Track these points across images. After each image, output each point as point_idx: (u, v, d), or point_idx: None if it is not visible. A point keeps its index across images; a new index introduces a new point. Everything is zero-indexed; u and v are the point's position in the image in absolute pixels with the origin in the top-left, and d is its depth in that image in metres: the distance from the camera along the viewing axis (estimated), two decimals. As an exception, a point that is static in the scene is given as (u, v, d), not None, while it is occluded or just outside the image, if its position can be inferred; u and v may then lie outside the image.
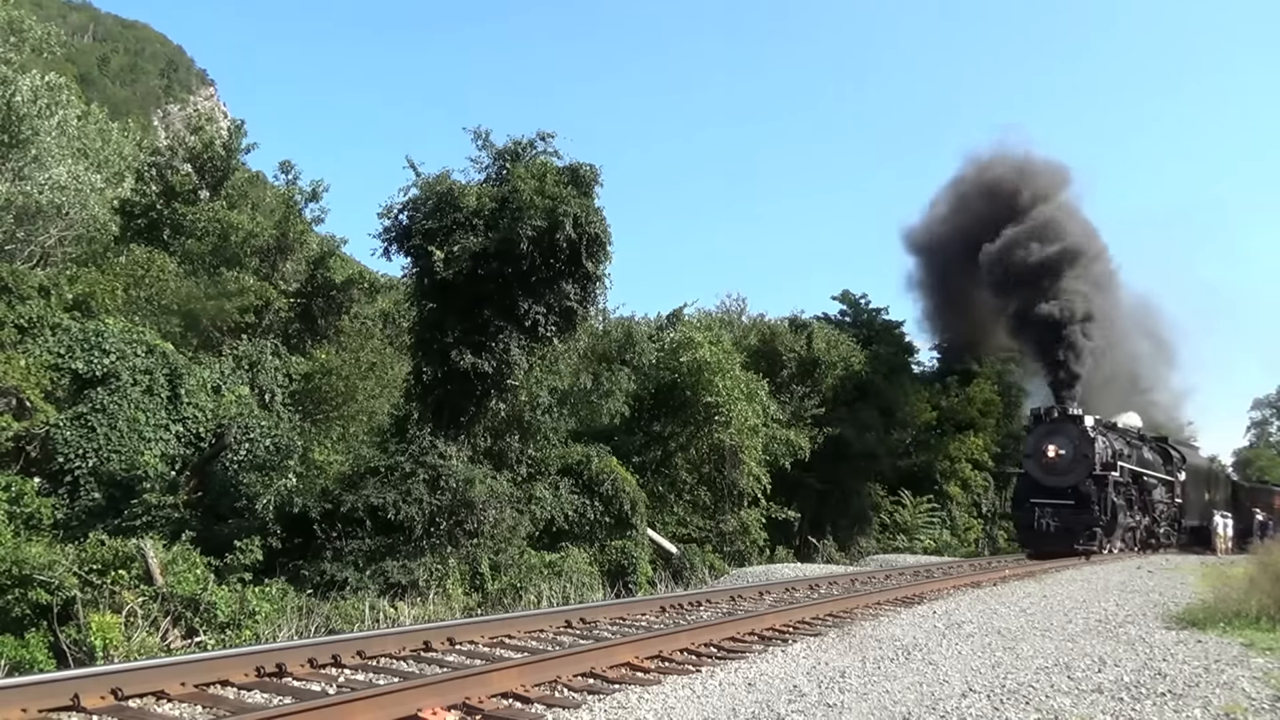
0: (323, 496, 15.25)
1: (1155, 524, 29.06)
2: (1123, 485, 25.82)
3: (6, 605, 11.80)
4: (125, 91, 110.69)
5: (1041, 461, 25.21)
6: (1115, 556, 24.27)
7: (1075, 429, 25.00)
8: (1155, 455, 30.59)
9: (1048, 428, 25.66)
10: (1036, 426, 26.22)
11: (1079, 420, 25.26)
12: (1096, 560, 22.68)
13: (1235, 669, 7.18)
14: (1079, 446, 24.69)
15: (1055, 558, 22.51)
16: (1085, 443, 24.69)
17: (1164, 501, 30.29)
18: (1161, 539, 29.44)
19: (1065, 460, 24.77)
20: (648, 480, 21.47)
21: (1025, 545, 25.75)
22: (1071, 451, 24.75)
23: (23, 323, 17.88)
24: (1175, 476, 31.42)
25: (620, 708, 5.68)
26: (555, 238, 15.27)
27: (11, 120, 21.98)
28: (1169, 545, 29.92)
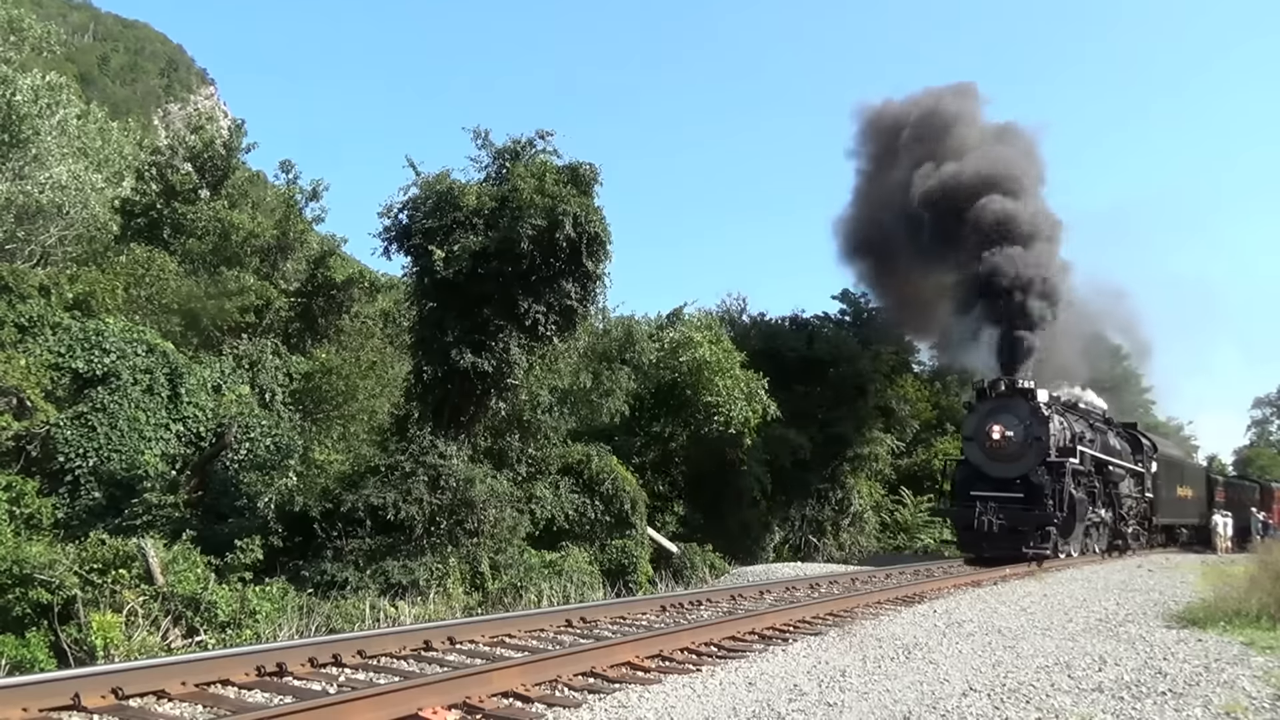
0: (323, 496, 15.25)
1: (1123, 522, 25.16)
2: (1083, 475, 21.97)
3: (7, 605, 11.81)
4: (125, 91, 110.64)
5: (985, 445, 21.05)
6: (1072, 562, 20.59)
7: (1026, 406, 20.94)
8: (1122, 442, 26.75)
9: (993, 405, 21.47)
10: (979, 404, 22.07)
11: (1030, 395, 21.23)
12: (1053, 567, 19.09)
13: (1235, 668, 7.18)
14: (1030, 427, 20.65)
15: (998, 564, 18.62)
16: (1038, 423, 20.64)
17: (1133, 496, 26.41)
18: (1130, 539, 25.61)
19: (1013, 444, 20.71)
20: (648, 479, 21.47)
21: (964, 548, 21.72)
22: (1021, 433, 20.68)
23: (23, 322, 17.88)
24: (1145, 467, 27.37)
25: (621, 707, 5.68)
26: (555, 237, 15.27)
27: (12, 119, 21.98)
28: (1139, 546, 26.46)
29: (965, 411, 23.49)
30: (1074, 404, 24.51)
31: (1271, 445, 70.56)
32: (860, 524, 29.33)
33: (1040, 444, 20.53)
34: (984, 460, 21.16)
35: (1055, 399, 22.60)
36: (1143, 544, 26.99)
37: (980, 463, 21.20)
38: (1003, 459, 20.84)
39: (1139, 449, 27.66)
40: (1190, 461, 38.29)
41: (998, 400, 21.50)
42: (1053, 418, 21.07)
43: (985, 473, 20.95)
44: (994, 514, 19.84)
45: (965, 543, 21.45)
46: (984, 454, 21.16)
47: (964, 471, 21.79)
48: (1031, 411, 20.83)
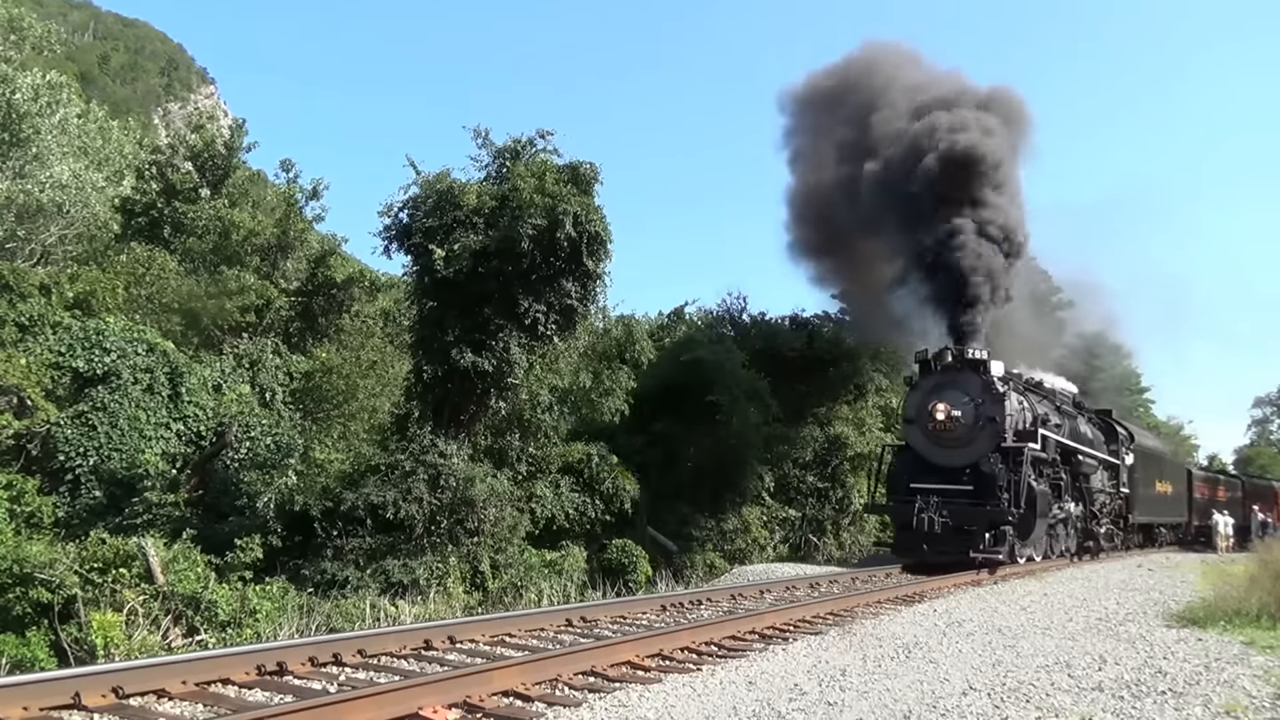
0: (323, 495, 15.27)
1: (1094, 520, 21.77)
2: (1047, 465, 18.70)
3: (8, 604, 11.83)
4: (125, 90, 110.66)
5: (928, 427, 17.63)
6: (1034, 569, 17.38)
7: (977, 381, 17.60)
8: (1095, 430, 23.60)
9: (938, 380, 18.12)
10: (922, 379, 18.62)
11: (983, 369, 17.77)
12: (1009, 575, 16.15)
13: (1236, 667, 7.19)
14: (982, 406, 17.34)
15: (941, 572, 15.54)
16: (991, 400, 17.33)
17: (1106, 490, 23.03)
18: (1102, 540, 22.29)
19: (962, 426, 17.34)
20: (648, 479, 21.47)
21: (900, 551, 18.01)
22: (971, 413, 17.36)
23: (23, 321, 17.90)
24: (1121, 459, 24.01)
25: (621, 706, 5.68)
26: (555, 236, 15.27)
27: (12, 118, 22.00)
28: (1113, 548, 23.38)
29: (906, 389, 20.01)
30: (1038, 384, 21.30)
31: (1272, 444, 70.57)
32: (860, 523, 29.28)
33: (994, 426, 17.20)
34: (927, 446, 17.77)
35: (1016, 376, 19.45)
36: (1118, 545, 23.99)
37: (923, 449, 17.85)
38: (949, 444, 17.52)
39: (1114, 438, 24.32)
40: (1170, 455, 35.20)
41: (944, 374, 18.07)
42: (1009, 395, 17.70)
43: (929, 461, 17.64)
44: (935, 511, 16.53)
45: (903, 545, 17.78)
46: (927, 438, 17.77)
47: (904, 460, 18.58)
48: (984, 387, 17.49)
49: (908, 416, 18.54)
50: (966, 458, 17.35)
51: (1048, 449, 18.45)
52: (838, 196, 24.56)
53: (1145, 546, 27.25)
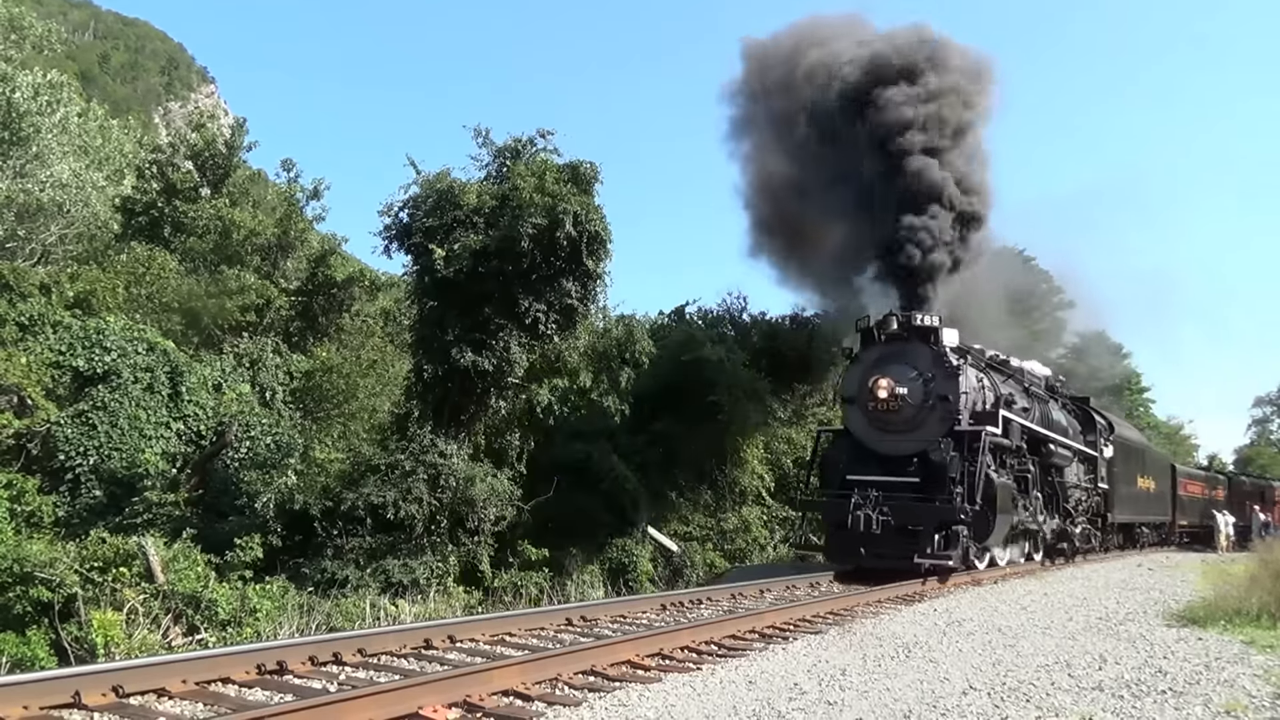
0: (323, 494, 15.28)
1: (1069, 519, 19.27)
2: (1010, 454, 16.06)
3: (8, 603, 11.83)
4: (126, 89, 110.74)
5: (868, 407, 15.13)
6: (1000, 574, 15.48)
7: (928, 353, 15.08)
8: (1070, 418, 20.94)
9: (881, 351, 15.56)
10: (864, 351, 15.94)
11: (934, 337, 15.15)
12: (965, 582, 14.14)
13: (1236, 666, 7.18)
14: (933, 382, 14.86)
15: (880, 580, 13.15)
16: (944, 376, 14.82)
17: (1082, 486, 20.56)
18: (1077, 542, 19.76)
19: (909, 405, 14.83)
20: (649, 478, 21.47)
21: (833, 556, 15.36)
22: (920, 390, 14.86)
23: (24, 320, 17.90)
24: (1099, 451, 21.57)
25: (621, 705, 5.68)
26: (555, 235, 15.27)
27: (12, 117, 22.01)
28: (1089, 550, 21.07)
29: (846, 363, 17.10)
30: (1004, 362, 18.33)
31: (1272, 444, 70.55)
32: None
33: (947, 406, 14.65)
34: (867, 430, 15.30)
35: (978, 352, 16.94)
36: (1095, 547, 21.46)
37: (863, 434, 15.38)
38: (893, 428, 15.01)
39: (1091, 428, 21.79)
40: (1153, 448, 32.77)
41: (889, 345, 15.53)
42: (966, 370, 15.19)
43: (870, 448, 15.23)
44: (875, 508, 14.04)
45: (836, 548, 15.10)
46: (867, 421, 15.29)
47: (841, 447, 15.93)
48: (935, 360, 14.95)
49: (846, 395, 15.83)
50: (913, 444, 14.77)
51: (1011, 435, 15.73)
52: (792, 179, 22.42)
53: (1125, 548, 25.21)
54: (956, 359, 15.18)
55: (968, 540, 14.18)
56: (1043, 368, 21.56)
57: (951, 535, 13.97)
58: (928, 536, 13.90)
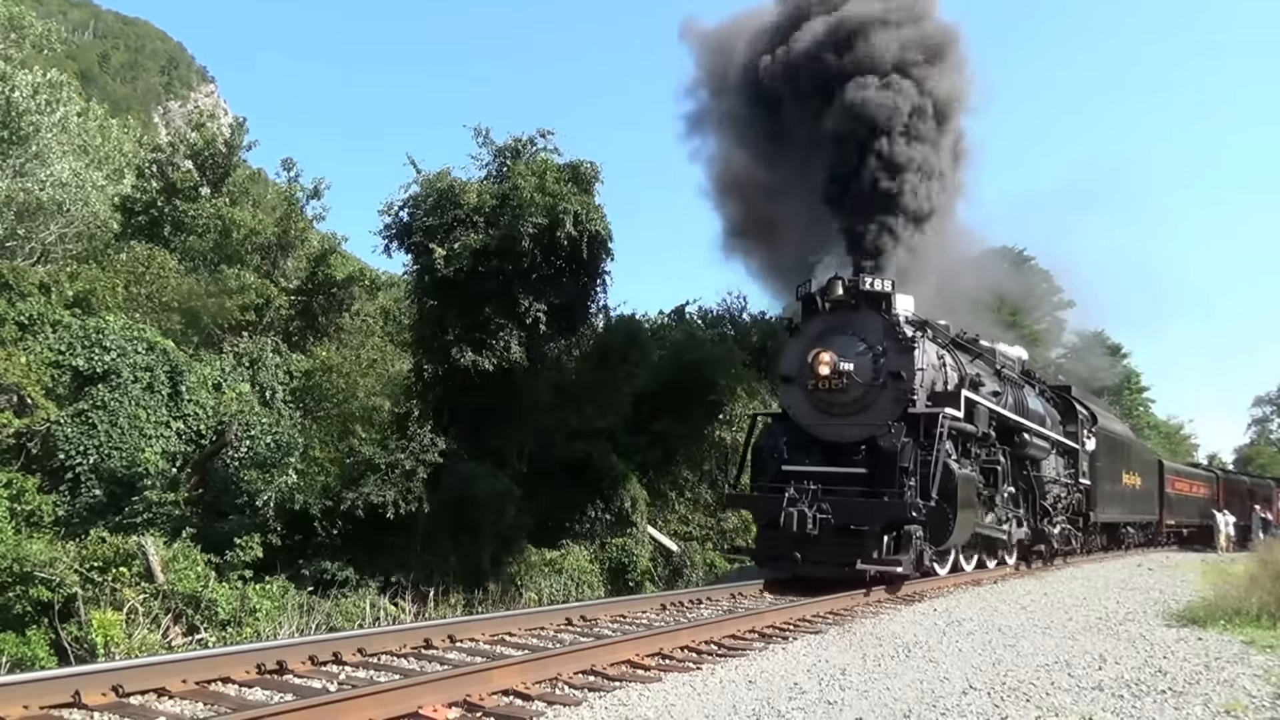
0: (323, 494, 15.27)
1: (1046, 517, 17.22)
2: (976, 441, 13.97)
3: (8, 602, 11.84)
4: (126, 88, 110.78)
5: (809, 387, 13.14)
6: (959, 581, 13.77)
7: (878, 322, 13.05)
8: (1048, 407, 18.77)
9: (824, 322, 13.51)
10: (806, 322, 13.90)
11: (884, 304, 13.18)
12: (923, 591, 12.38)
13: (1236, 666, 7.18)
14: (883, 356, 12.82)
15: (817, 591, 11.18)
16: (897, 349, 12.79)
17: (1061, 481, 18.59)
18: (1056, 542, 17.87)
19: (855, 384, 12.80)
20: (649, 478, 21.47)
21: (764, 559, 13.38)
22: (868, 366, 12.84)
23: (23, 320, 17.91)
24: (1080, 444, 19.62)
25: (621, 705, 5.68)
26: (556, 235, 15.29)
27: (12, 116, 22.02)
28: (1069, 552, 19.25)
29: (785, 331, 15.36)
30: (972, 340, 16.19)
31: (1272, 444, 70.56)
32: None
33: (899, 384, 12.64)
34: (809, 413, 13.27)
35: (943, 328, 14.79)
36: (1076, 548, 19.62)
37: (804, 417, 13.33)
38: (838, 410, 13.00)
39: (1072, 418, 19.83)
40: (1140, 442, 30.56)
41: (833, 315, 13.46)
42: (923, 344, 13.09)
43: (812, 434, 13.21)
44: (811, 504, 12.03)
45: (767, 551, 13.09)
46: (809, 403, 13.26)
47: (777, 433, 13.69)
48: (887, 331, 12.93)
49: (785, 373, 13.80)
50: (861, 430, 12.77)
51: (977, 420, 13.63)
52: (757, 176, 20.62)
53: (1109, 549, 23.69)
54: (912, 331, 13.08)
55: (922, 542, 12.04)
56: (1019, 350, 19.41)
57: (903, 536, 11.89)
58: (874, 538, 11.88)
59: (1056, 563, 18.31)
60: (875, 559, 11.77)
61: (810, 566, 12.11)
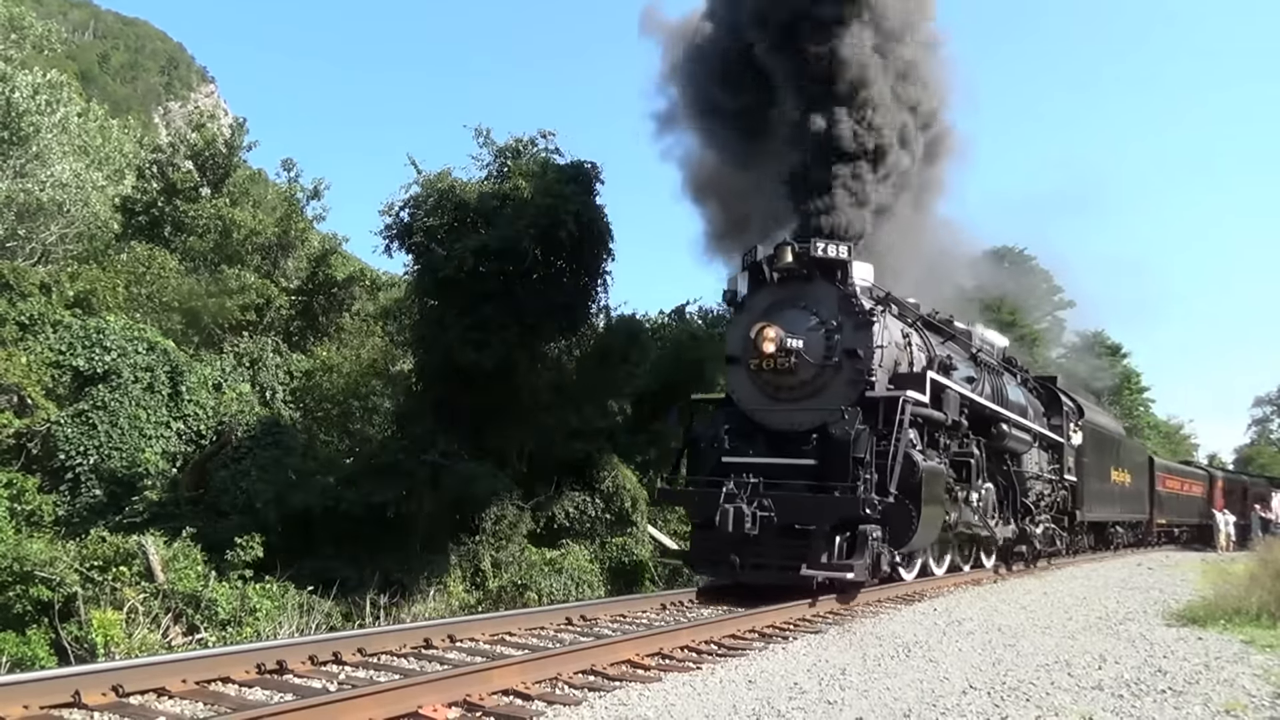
0: (323, 494, 15.28)
1: (1028, 516, 16.03)
2: (946, 432, 12.50)
3: (8, 602, 11.85)
4: (126, 89, 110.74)
5: (750, 364, 11.70)
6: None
7: (833, 294, 11.55)
8: (1031, 398, 17.59)
9: (774, 294, 11.93)
10: (751, 296, 12.21)
11: (839, 273, 11.60)
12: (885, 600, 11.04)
13: (1236, 666, 7.18)
14: (838, 333, 11.36)
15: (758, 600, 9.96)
16: (855, 324, 11.35)
17: (1045, 477, 17.36)
18: (1039, 543, 16.67)
19: (806, 364, 11.33)
20: (649, 478, 21.47)
21: (699, 563, 12.16)
22: (821, 343, 11.37)
23: (24, 320, 17.91)
24: (1066, 437, 18.41)
25: (621, 705, 5.68)
26: (557, 235, 15.29)
27: (12, 117, 22.02)
28: (1054, 553, 18.11)
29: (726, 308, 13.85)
30: (947, 320, 14.90)
31: (1272, 444, 70.54)
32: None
33: (855, 365, 11.21)
34: (754, 397, 11.88)
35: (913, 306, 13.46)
36: (1061, 549, 18.45)
37: (748, 402, 11.93)
38: (787, 394, 11.57)
39: (1056, 410, 18.58)
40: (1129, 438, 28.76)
41: (783, 286, 11.88)
42: (883, 319, 11.70)
43: (757, 421, 11.80)
44: (750, 501, 10.60)
45: (702, 553, 11.70)
46: (754, 385, 11.87)
47: (718, 422, 12.16)
48: (841, 304, 11.45)
49: (730, 353, 12.42)
50: (812, 416, 11.27)
51: (947, 407, 12.15)
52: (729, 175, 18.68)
53: (1097, 550, 22.52)
54: (869, 302, 11.58)
55: (879, 544, 10.61)
56: (999, 337, 17.98)
57: (858, 537, 10.41)
58: (822, 539, 10.41)
59: (1040, 564, 17.16)
60: (823, 563, 10.28)
61: (751, 572, 10.79)
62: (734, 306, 12.65)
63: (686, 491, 12.28)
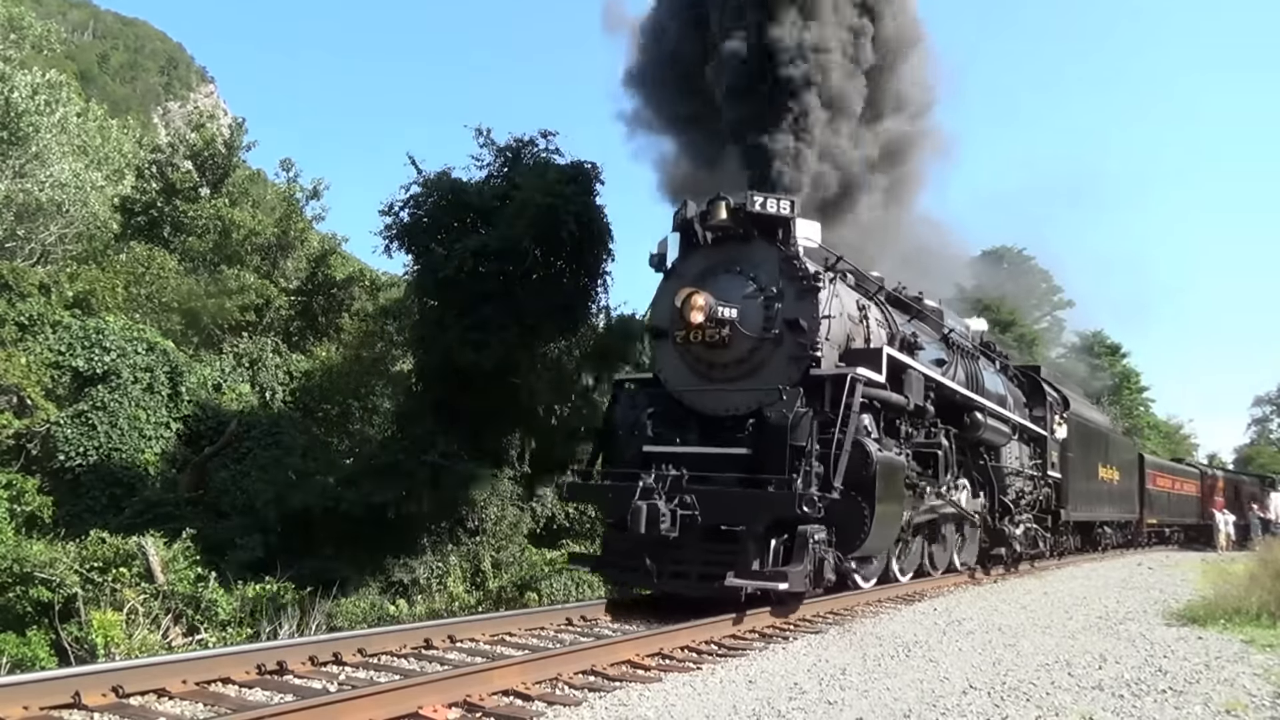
0: (323, 494, 15.28)
1: (1007, 515, 14.80)
2: (908, 419, 11.15)
3: (8, 603, 11.86)
4: (125, 89, 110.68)
5: (677, 338, 10.21)
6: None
7: (773, 256, 10.02)
8: (1010, 386, 16.27)
9: (707, 258, 10.32)
10: (683, 260, 10.62)
11: (781, 231, 10.08)
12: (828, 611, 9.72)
13: (1236, 665, 7.19)
14: (777, 299, 9.83)
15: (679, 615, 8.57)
16: (798, 291, 9.80)
17: (1026, 473, 16.17)
18: (1019, 544, 15.30)
19: (742, 337, 9.81)
20: (648, 477, 21.45)
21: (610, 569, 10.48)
22: (759, 313, 9.86)
23: (23, 320, 17.91)
24: (1050, 430, 17.20)
25: (621, 705, 5.68)
26: (557, 235, 15.29)
27: (11, 117, 22.02)
28: (1037, 555, 16.89)
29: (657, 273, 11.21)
30: (916, 298, 13.45)
31: (1272, 443, 70.55)
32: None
33: (798, 335, 9.68)
34: (681, 375, 10.35)
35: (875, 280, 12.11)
36: (1045, 551, 17.26)
37: (675, 381, 10.39)
38: (719, 372, 10.08)
39: (1039, 401, 17.34)
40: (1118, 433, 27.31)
41: (717, 248, 10.32)
42: (836, 288, 10.27)
43: (687, 404, 10.25)
44: (673, 495, 9.13)
45: (613, 557, 10.08)
46: (682, 362, 10.35)
47: (641, 405, 10.49)
48: (783, 267, 9.92)
49: (655, 326, 10.80)
50: (749, 398, 9.77)
51: (909, 390, 10.75)
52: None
53: (1084, 551, 21.44)
54: (813, 266, 10.09)
55: (823, 547, 9.12)
56: (978, 321, 16.68)
57: (797, 540, 8.89)
58: (753, 542, 8.96)
59: (1022, 567, 16.09)
60: (754, 571, 8.77)
61: (669, 580, 9.31)
62: (662, 272, 10.86)
63: (597, 486, 10.55)
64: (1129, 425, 43.84)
